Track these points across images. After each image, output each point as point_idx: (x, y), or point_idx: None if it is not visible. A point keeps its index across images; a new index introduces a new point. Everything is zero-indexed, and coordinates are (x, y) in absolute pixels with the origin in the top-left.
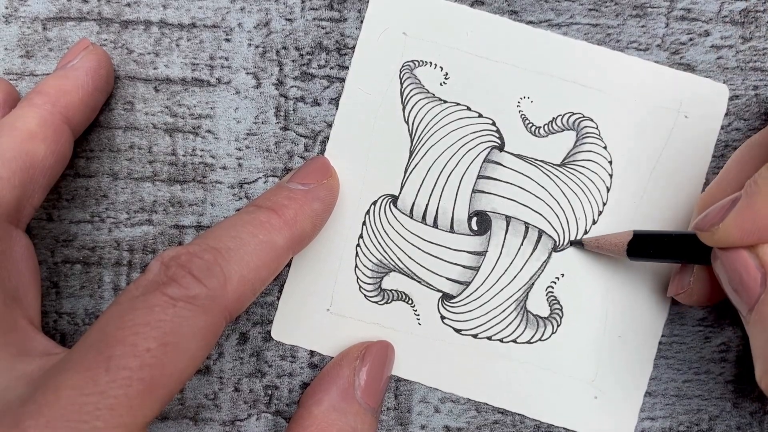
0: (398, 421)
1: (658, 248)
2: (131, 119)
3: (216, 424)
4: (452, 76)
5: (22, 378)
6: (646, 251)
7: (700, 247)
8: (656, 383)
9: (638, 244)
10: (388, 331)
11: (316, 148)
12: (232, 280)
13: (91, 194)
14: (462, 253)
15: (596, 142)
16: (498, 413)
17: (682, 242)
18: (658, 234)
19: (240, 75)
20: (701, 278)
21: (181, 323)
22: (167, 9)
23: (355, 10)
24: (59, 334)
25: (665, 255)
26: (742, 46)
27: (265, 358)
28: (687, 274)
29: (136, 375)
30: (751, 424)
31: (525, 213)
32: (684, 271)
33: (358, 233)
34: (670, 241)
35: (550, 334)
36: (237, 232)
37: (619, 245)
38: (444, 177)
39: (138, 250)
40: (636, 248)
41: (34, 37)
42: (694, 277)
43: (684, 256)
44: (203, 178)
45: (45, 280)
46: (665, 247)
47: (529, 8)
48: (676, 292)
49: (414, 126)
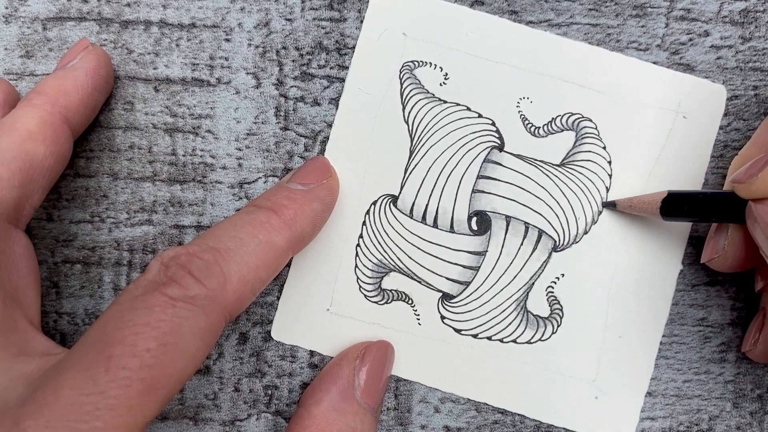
0: (398, 421)
1: (692, 206)
2: (131, 119)
3: (216, 424)
4: (452, 76)
5: (22, 378)
6: (680, 210)
7: (735, 205)
8: (656, 383)
9: (672, 203)
10: (388, 331)
11: (316, 148)
12: (232, 281)
13: (91, 194)
14: (462, 253)
15: (595, 142)
16: (498, 413)
17: (717, 201)
18: (693, 193)
19: (240, 75)
20: (735, 241)
21: (180, 323)
22: (167, 9)
23: (355, 10)
24: (59, 334)
25: (699, 214)
26: (741, 47)
27: (265, 358)
28: (721, 238)
29: (136, 375)
30: (751, 424)
31: (525, 213)
32: (718, 234)
33: (358, 233)
34: (704, 199)
35: (551, 334)
36: (237, 232)
37: (653, 204)
38: (444, 177)
39: (138, 250)
40: (670, 207)
41: (34, 37)
42: (728, 240)
43: (718, 215)
44: (203, 178)
45: (45, 280)
46: (699, 205)
47: (529, 8)
48: (710, 256)
49: (414, 126)
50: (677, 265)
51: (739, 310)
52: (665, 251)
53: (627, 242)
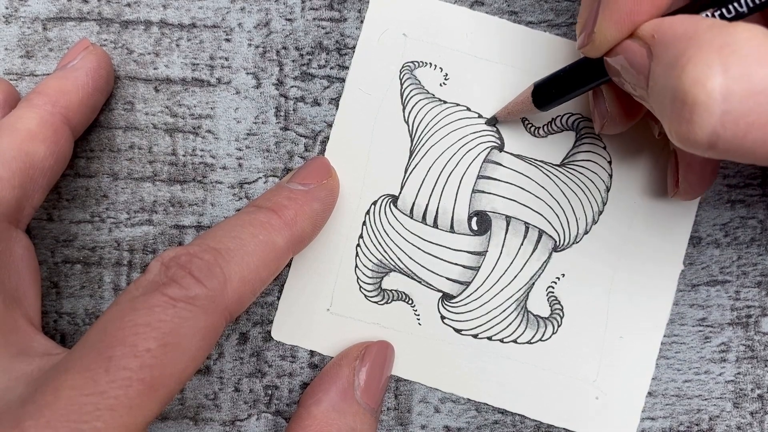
0: (398, 421)
1: (559, 87)
2: (131, 119)
3: (216, 424)
4: (452, 76)
5: (22, 378)
6: (551, 95)
7: (595, 67)
8: (656, 383)
9: (542, 92)
10: (388, 331)
11: (316, 148)
12: (232, 281)
13: (91, 194)
14: (462, 253)
15: (596, 142)
16: (498, 413)
17: (579, 71)
18: (554, 74)
19: (240, 75)
20: (613, 99)
21: (181, 324)
22: (167, 9)
23: (355, 10)
24: (59, 334)
25: (569, 89)
26: None
27: (265, 358)
28: (601, 102)
29: (136, 375)
30: (751, 424)
31: (525, 213)
32: (597, 101)
33: (358, 233)
34: (567, 75)
35: (551, 334)
36: (237, 232)
37: (526, 101)
38: (444, 177)
39: (138, 250)
40: (541, 97)
41: (34, 37)
42: (607, 101)
43: (586, 83)
44: (203, 178)
45: (45, 280)
46: (565, 82)
47: (529, 9)
48: (600, 124)
49: (414, 126)
50: (677, 265)
51: (738, 310)
52: (665, 251)
53: (627, 242)
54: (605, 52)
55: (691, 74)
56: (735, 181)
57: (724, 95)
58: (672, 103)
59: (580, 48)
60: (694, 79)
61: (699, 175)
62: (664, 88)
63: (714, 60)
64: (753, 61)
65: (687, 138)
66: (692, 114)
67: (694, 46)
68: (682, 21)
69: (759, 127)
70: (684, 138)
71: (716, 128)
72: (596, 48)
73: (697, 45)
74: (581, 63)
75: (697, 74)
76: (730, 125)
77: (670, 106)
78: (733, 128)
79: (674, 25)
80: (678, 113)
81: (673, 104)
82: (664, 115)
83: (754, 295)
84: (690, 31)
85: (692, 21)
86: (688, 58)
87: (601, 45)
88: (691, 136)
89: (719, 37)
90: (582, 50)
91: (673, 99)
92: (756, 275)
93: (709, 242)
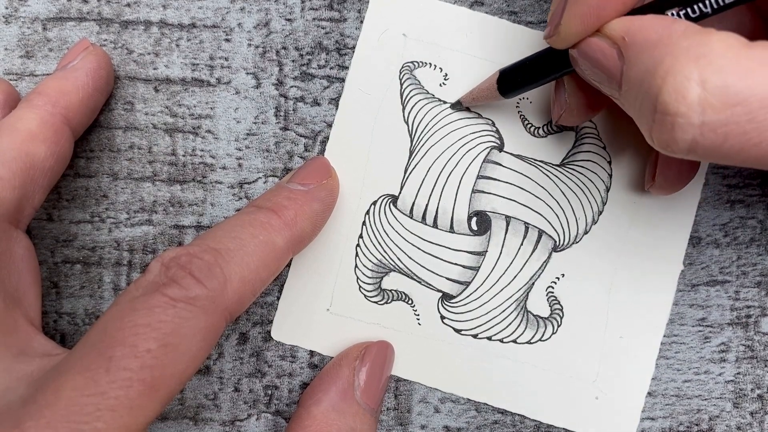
0: (398, 421)
1: (524, 75)
2: (131, 119)
3: (216, 424)
4: (452, 76)
5: (23, 379)
6: (515, 82)
7: (559, 58)
8: (656, 383)
9: (507, 80)
10: (388, 331)
11: (316, 148)
12: (232, 281)
13: (91, 194)
14: (462, 253)
15: (595, 142)
16: (498, 413)
17: (543, 60)
18: (520, 62)
19: (240, 75)
20: (574, 90)
21: (181, 324)
22: (167, 9)
23: (355, 10)
24: (59, 334)
25: (533, 78)
26: None
27: (265, 358)
28: (562, 93)
29: (137, 376)
30: (751, 424)
31: (525, 213)
32: (558, 91)
33: (358, 233)
34: (532, 64)
35: (551, 334)
36: (237, 232)
37: (491, 87)
38: (444, 177)
39: (138, 250)
40: (506, 84)
41: (34, 37)
42: (568, 92)
43: (550, 72)
44: (203, 178)
45: (45, 280)
46: (530, 71)
47: (529, 9)
48: (558, 114)
49: (414, 126)
50: (677, 265)
51: (738, 310)
52: (665, 251)
53: (627, 242)
54: (570, 45)
55: (671, 86)
56: (735, 182)
57: (703, 107)
58: (652, 112)
59: (546, 38)
60: (675, 90)
61: (677, 171)
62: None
63: (692, 72)
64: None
65: (668, 144)
66: (673, 124)
67: (670, 54)
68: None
69: (735, 135)
70: (665, 144)
71: (695, 136)
72: (561, 40)
73: (674, 54)
74: (547, 53)
75: (677, 86)
76: (708, 134)
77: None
78: (712, 136)
79: (645, 28)
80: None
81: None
82: (642, 119)
83: (754, 295)
84: (664, 37)
85: (664, 24)
86: (666, 69)
87: (566, 37)
88: (671, 143)
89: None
90: (548, 41)
91: (653, 108)
92: (756, 275)
93: (708, 242)
